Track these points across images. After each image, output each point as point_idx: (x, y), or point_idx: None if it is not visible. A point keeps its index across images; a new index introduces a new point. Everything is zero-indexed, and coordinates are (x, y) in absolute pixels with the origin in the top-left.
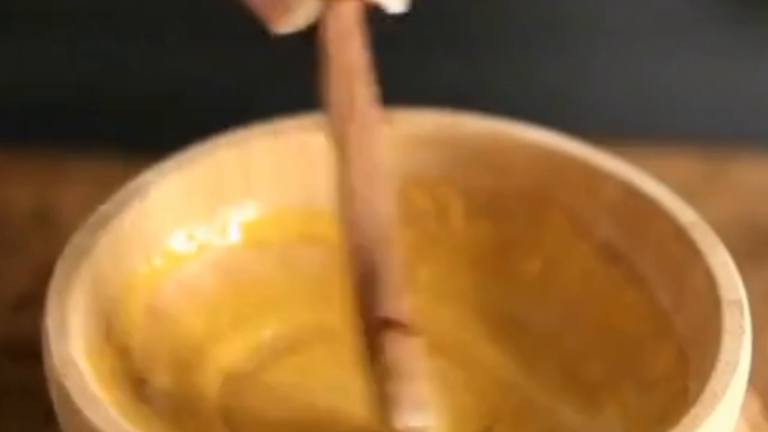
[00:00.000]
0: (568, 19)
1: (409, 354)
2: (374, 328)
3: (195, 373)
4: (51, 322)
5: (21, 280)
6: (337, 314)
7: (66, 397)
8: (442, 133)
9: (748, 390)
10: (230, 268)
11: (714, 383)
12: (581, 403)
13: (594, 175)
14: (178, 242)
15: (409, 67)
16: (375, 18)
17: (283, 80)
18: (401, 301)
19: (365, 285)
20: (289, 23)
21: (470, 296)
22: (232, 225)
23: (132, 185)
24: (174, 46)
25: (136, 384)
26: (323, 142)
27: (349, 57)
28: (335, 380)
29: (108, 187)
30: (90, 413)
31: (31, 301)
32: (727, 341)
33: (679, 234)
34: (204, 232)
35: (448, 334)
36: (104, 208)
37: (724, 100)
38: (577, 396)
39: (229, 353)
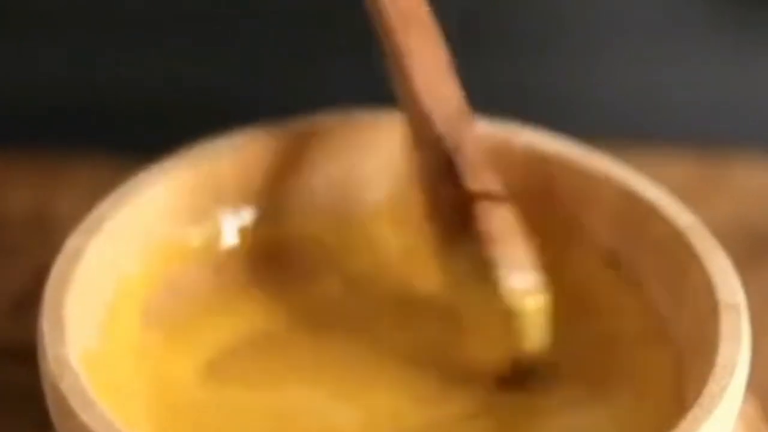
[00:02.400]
0: (566, 21)
1: (504, 219)
2: (467, 200)
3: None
4: (46, 324)
5: (18, 283)
6: (334, 315)
7: (61, 400)
8: None
9: (746, 394)
10: (226, 270)
11: (712, 387)
12: (575, 405)
13: (592, 178)
14: (174, 245)
15: None
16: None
17: (281, 81)
18: (488, 174)
19: (451, 165)
20: None
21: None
22: (229, 227)
23: (127, 186)
24: (171, 48)
25: (131, 387)
26: (319, 144)
27: None
28: (324, 380)
29: (105, 190)
30: (85, 416)
31: (28, 304)
32: (725, 345)
33: (677, 237)
34: (199, 234)
35: (442, 334)
36: (99, 209)
37: (723, 103)
38: (572, 398)
39: (225, 355)
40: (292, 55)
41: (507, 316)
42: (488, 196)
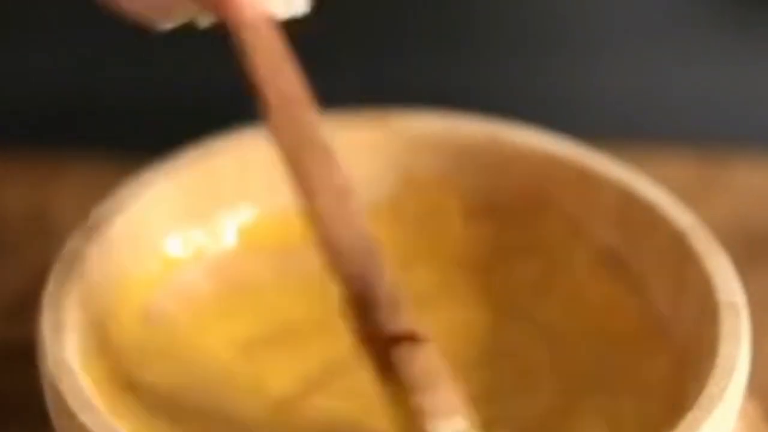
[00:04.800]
0: (567, 21)
1: (428, 361)
2: (384, 346)
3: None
4: (46, 325)
5: (17, 284)
6: (335, 316)
7: (61, 401)
8: (440, 135)
9: (746, 394)
10: (226, 271)
11: (712, 387)
12: (572, 405)
13: (592, 179)
14: (174, 246)
15: (409, 69)
16: (375, 20)
17: None
18: (404, 312)
19: (366, 307)
20: (169, 22)
21: (468, 299)
22: (228, 228)
23: (127, 188)
24: (170, 48)
25: (131, 388)
26: None
27: (285, 82)
28: (322, 378)
29: (104, 190)
30: (85, 417)
31: (27, 305)
32: (725, 345)
33: (677, 238)
34: (200, 235)
35: (444, 336)
36: (98, 211)
37: (723, 103)
38: (570, 398)
39: (225, 356)
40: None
41: None
42: (409, 337)
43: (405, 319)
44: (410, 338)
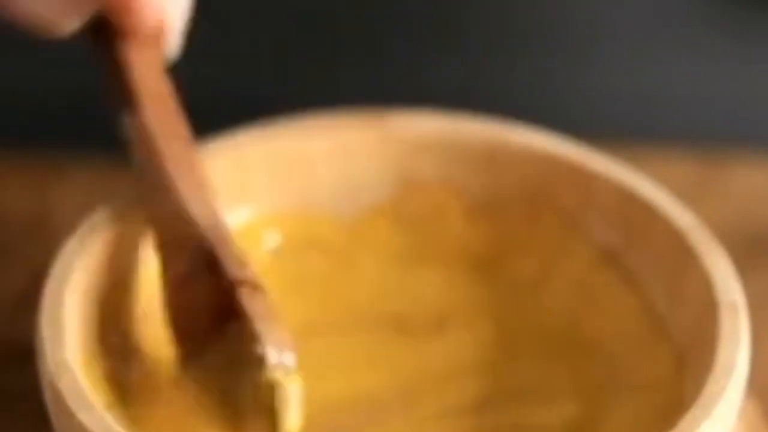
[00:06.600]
0: (567, 21)
1: (267, 305)
2: (231, 288)
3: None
4: (45, 325)
5: (17, 284)
6: (333, 316)
7: (60, 400)
8: (440, 136)
9: (746, 394)
10: None
11: (711, 386)
12: (570, 404)
13: (591, 178)
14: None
15: (409, 69)
16: (375, 20)
17: (279, 82)
18: (248, 267)
19: (215, 259)
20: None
21: (467, 298)
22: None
23: (126, 188)
24: None
25: (130, 388)
26: (319, 144)
27: (157, 85)
28: (322, 377)
29: (104, 190)
30: (84, 417)
31: (27, 305)
32: (724, 344)
33: (677, 237)
34: None
35: (444, 335)
36: (98, 211)
37: (723, 103)
38: (568, 397)
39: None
40: (292, 55)
41: (269, 391)
42: (250, 284)
43: (249, 271)
44: (251, 285)
